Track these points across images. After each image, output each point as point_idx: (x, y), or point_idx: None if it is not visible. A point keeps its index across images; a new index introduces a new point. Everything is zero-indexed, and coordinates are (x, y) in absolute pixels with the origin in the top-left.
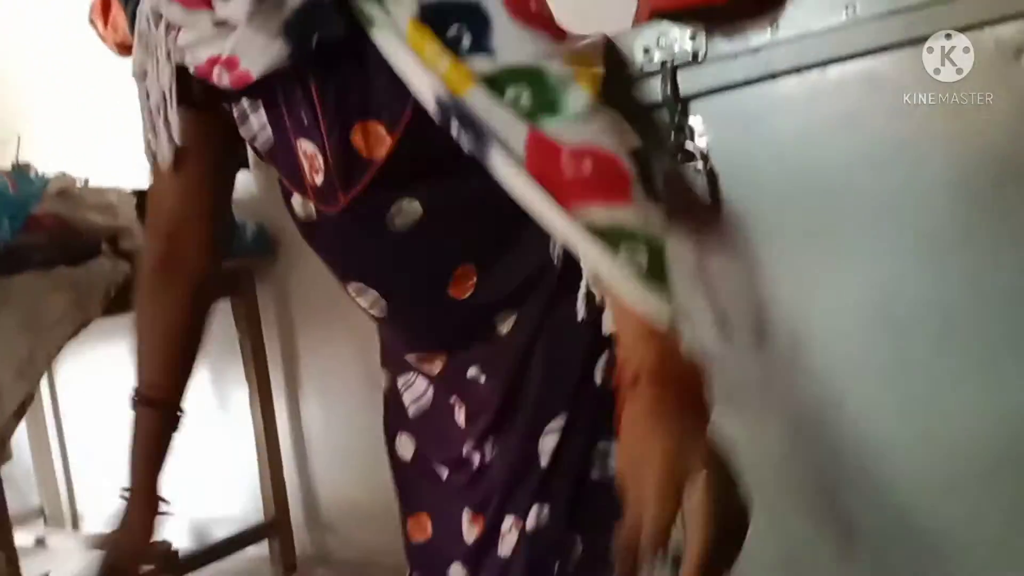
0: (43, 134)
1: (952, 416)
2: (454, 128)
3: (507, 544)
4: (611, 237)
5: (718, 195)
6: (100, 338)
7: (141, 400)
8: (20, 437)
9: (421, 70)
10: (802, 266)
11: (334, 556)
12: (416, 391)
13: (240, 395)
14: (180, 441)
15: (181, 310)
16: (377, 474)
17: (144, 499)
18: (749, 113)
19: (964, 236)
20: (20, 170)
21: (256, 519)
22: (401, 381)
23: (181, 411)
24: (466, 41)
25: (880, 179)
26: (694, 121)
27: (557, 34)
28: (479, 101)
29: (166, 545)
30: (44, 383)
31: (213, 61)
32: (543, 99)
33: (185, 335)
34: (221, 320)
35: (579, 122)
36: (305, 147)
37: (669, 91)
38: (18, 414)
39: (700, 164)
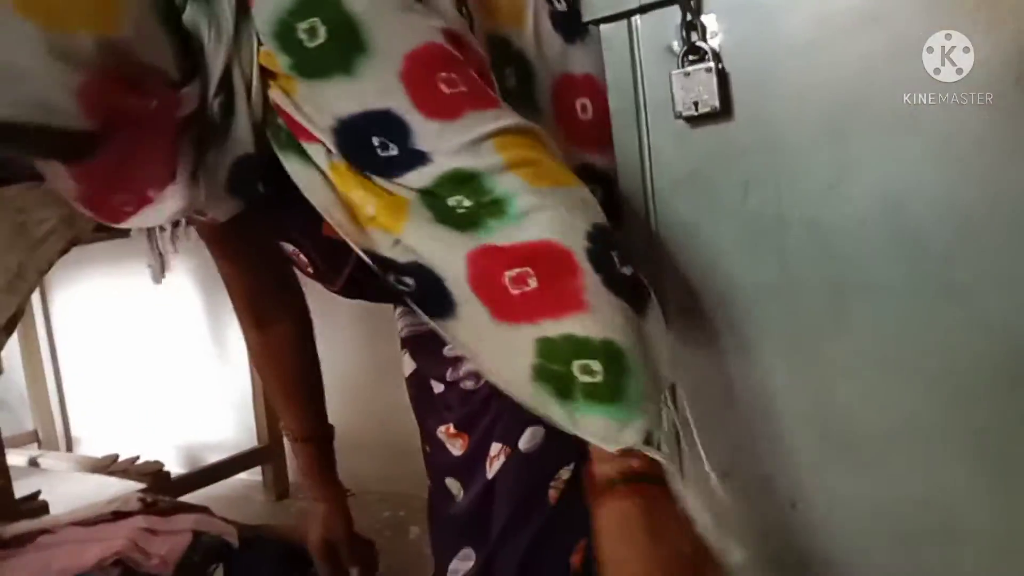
0: None
1: (965, 329)
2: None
3: (494, 468)
4: (562, 352)
5: (728, 97)
6: (94, 261)
7: (293, 438)
8: (14, 361)
9: (352, 229)
10: (813, 172)
11: None
12: (421, 318)
13: (235, 322)
14: (176, 366)
15: (290, 357)
16: (370, 405)
17: (331, 496)
18: (765, 9)
19: (981, 140)
20: None
21: (249, 445)
22: (403, 308)
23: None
24: (393, 149)
25: (897, 80)
26: (707, 19)
27: (482, 104)
28: (413, 234)
29: (158, 466)
30: (38, 308)
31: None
32: (483, 199)
33: (303, 376)
34: None
35: (523, 222)
36: (286, 247)
37: None
38: (8, 328)
39: (711, 64)
